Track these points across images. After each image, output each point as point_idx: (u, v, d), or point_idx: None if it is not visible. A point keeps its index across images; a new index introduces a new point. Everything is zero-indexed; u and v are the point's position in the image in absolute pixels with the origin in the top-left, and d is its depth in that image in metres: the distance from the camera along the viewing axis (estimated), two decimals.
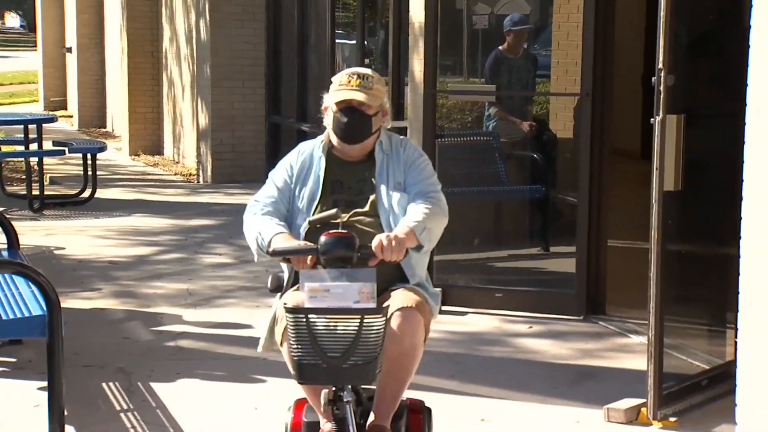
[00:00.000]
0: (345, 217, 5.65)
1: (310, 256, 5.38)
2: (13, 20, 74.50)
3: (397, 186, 5.73)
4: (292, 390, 6.13)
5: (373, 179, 5.77)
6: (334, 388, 5.35)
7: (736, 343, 7.68)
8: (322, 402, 5.31)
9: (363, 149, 5.75)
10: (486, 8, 12.64)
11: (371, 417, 5.64)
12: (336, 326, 4.96)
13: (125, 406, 8.33)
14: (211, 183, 19.64)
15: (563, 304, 10.72)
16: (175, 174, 21.36)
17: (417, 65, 11.49)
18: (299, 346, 5.02)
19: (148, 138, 23.68)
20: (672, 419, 8.15)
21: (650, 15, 7.98)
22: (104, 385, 8.73)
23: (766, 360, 7.40)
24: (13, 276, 8.79)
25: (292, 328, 5.00)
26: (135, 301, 11.51)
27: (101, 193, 18.09)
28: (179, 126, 22.22)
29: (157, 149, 23.56)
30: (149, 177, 21.02)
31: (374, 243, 5.28)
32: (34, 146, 17.75)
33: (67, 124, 27.86)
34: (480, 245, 11.90)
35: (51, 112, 27.18)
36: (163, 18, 23.08)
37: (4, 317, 8.12)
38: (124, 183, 19.88)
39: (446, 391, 5.95)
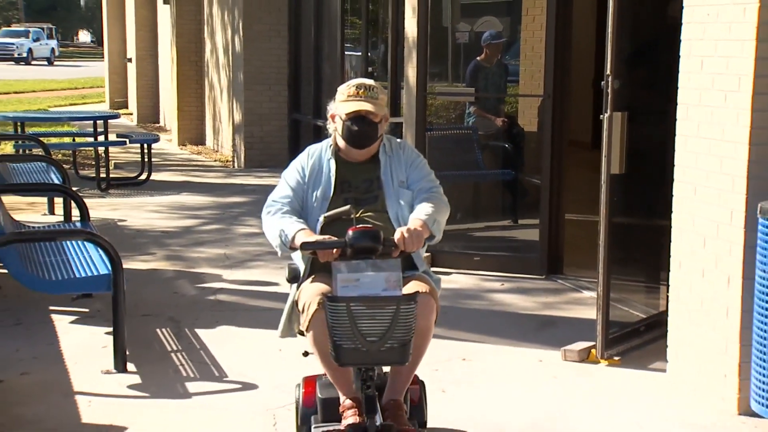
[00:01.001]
0: (357, 213, 5.33)
1: (335, 249, 5.02)
2: (84, 36, 74.82)
3: (401, 184, 5.46)
4: (304, 343, 5.64)
5: (378, 178, 5.47)
6: (364, 369, 5.08)
7: (667, 297, 8.01)
8: (354, 381, 5.10)
9: (368, 152, 5.46)
10: (467, 26, 12.66)
11: (386, 393, 5.40)
12: (374, 313, 4.66)
13: (174, 348, 8.39)
14: (244, 168, 19.59)
15: (529, 265, 10.78)
16: (215, 160, 21.35)
17: (411, 72, 11.50)
18: (340, 333, 4.71)
19: (192, 131, 23.66)
20: (616, 358, 8.19)
21: (599, 30, 8.00)
22: (158, 330, 8.80)
23: (691, 310, 7.67)
24: (85, 242, 8.84)
25: (333, 316, 4.68)
26: (182, 263, 11.55)
27: (155, 176, 18.06)
28: (218, 122, 22.22)
29: (200, 140, 23.55)
30: (193, 163, 21.03)
31: (396, 236, 5.04)
32: (101, 138, 17.75)
33: (128, 120, 27.82)
34: (462, 218, 11.94)
35: (115, 111, 27.16)
36: (204, 34, 23.06)
37: (77, 275, 8.31)
38: (173, 168, 19.89)
39: (434, 336, 5.84)
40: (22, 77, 45.55)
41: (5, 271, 8.55)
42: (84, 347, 8.25)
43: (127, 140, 18.84)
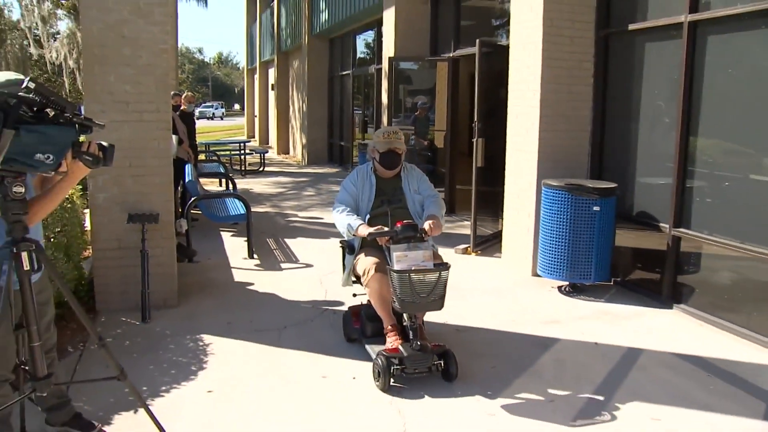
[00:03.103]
0: (390, 210, 4.82)
1: (388, 237, 4.49)
2: (236, 106, 75.86)
3: (414, 192, 4.98)
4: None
5: (401, 188, 5.00)
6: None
7: (502, 222, 7.74)
8: (407, 319, 4.46)
9: (394, 172, 4.99)
10: (413, 96, 12.70)
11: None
12: (424, 278, 4.22)
13: (275, 247, 8.54)
14: (307, 164, 19.56)
15: None
16: (294, 160, 21.30)
17: (384, 119, 11.70)
18: (402, 292, 4.22)
19: (283, 146, 23.56)
20: (479, 252, 8.14)
21: (472, 96, 7.98)
22: (267, 239, 8.95)
23: (512, 228, 7.50)
24: (234, 199, 9.10)
25: (399, 281, 4.21)
26: (277, 208, 11.63)
27: (267, 168, 18.17)
28: (295, 141, 22.21)
29: (286, 151, 23.49)
30: (284, 162, 20.87)
31: (426, 226, 4.53)
32: (243, 150, 18.54)
33: (255, 142, 27.67)
34: None
35: (249, 138, 27.38)
36: (290, 102, 23.03)
37: (231, 214, 8.61)
38: (275, 164, 19.82)
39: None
40: (210, 125, 45.61)
41: (200, 211, 8.88)
42: (234, 247, 8.48)
43: (254, 151, 19.84)
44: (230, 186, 11.37)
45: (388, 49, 11.75)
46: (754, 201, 5.49)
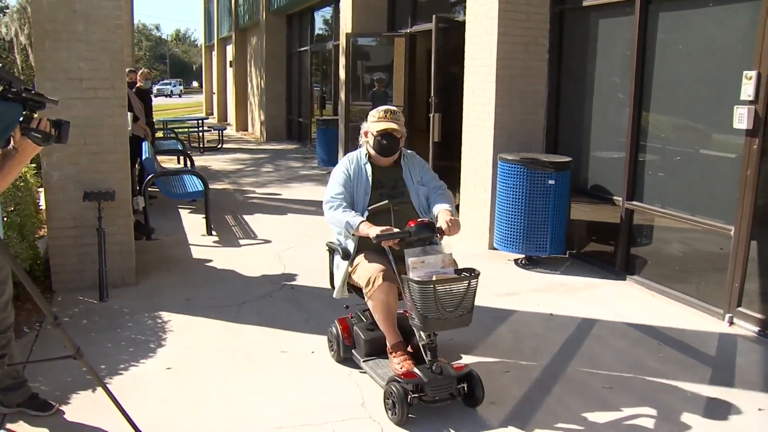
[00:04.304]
0: (393, 205, 4.03)
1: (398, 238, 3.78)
2: (194, 83, 74.60)
3: (418, 183, 4.19)
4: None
5: (402, 179, 4.18)
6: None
7: (460, 196, 7.69)
8: (423, 339, 3.65)
9: (391, 159, 4.19)
10: (371, 73, 12.62)
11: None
12: (452, 289, 3.48)
13: (233, 224, 8.53)
14: (265, 141, 19.44)
15: None
16: (252, 137, 21.16)
17: (342, 95, 11.69)
18: (426, 307, 3.46)
19: (241, 123, 23.38)
20: None
21: (429, 72, 7.98)
22: (225, 216, 8.92)
23: (470, 203, 7.50)
24: (192, 175, 9.01)
25: (422, 295, 3.44)
26: (236, 185, 11.69)
27: (225, 146, 18.03)
28: (254, 118, 22.03)
29: (245, 127, 23.30)
30: (243, 139, 20.72)
31: (442, 226, 3.84)
32: (201, 128, 18.36)
33: (213, 120, 27.35)
34: None
35: (207, 115, 27.01)
36: (248, 79, 22.78)
37: (189, 191, 8.53)
38: (233, 141, 19.68)
39: None
40: (168, 102, 44.88)
41: (158, 189, 8.73)
42: (193, 224, 8.44)
43: (212, 129, 19.67)
44: (188, 163, 11.32)
45: (346, 25, 11.67)
46: (705, 174, 5.56)
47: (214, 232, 7.90)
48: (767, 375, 4.34)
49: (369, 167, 4.19)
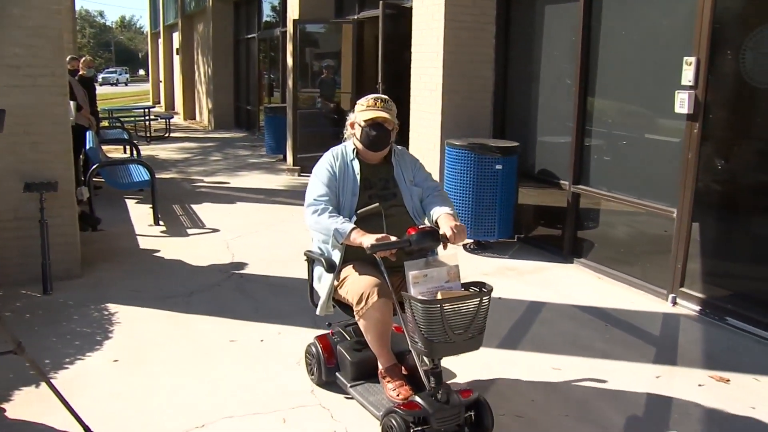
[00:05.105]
0: (385, 209, 3.48)
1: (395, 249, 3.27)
2: (141, 72, 72.90)
3: (410, 182, 3.67)
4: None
5: (393, 178, 3.66)
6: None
7: None
8: (426, 364, 3.16)
9: (381, 155, 3.66)
10: (320, 60, 12.54)
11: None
12: (461, 308, 2.98)
13: (181, 213, 8.41)
14: (213, 129, 19.20)
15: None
16: (200, 125, 20.85)
17: (290, 82, 11.56)
18: (431, 330, 2.96)
19: (189, 111, 23.01)
20: None
21: (377, 55, 7.96)
22: (173, 206, 8.76)
23: None
24: (138, 165, 8.89)
25: (424, 315, 2.95)
26: (184, 174, 11.43)
27: (172, 135, 17.61)
28: (202, 107, 21.72)
29: (193, 116, 22.93)
30: (190, 127, 20.37)
31: (447, 233, 3.28)
32: (148, 117, 17.98)
33: (160, 108, 26.85)
34: (315, 149, 11.75)
35: (154, 104, 26.56)
36: (195, 66, 22.41)
37: (135, 180, 8.42)
38: (181, 130, 19.33)
39: None
40: (114, 91, 44.15)
41: (103, 179, 8.60)
42: (140, 214, 8.31)
43: (159, 117, 19.02)
44: (134, 153, 11.16)
45: (293, 12, 11.55)
46: (649, 158, 5.66)
47: (161, 222, 7.80)
48: (708, 352, 4.46)
49: (357, 164, 3.67)
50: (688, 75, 5.04)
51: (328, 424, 3.49)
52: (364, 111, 3.65)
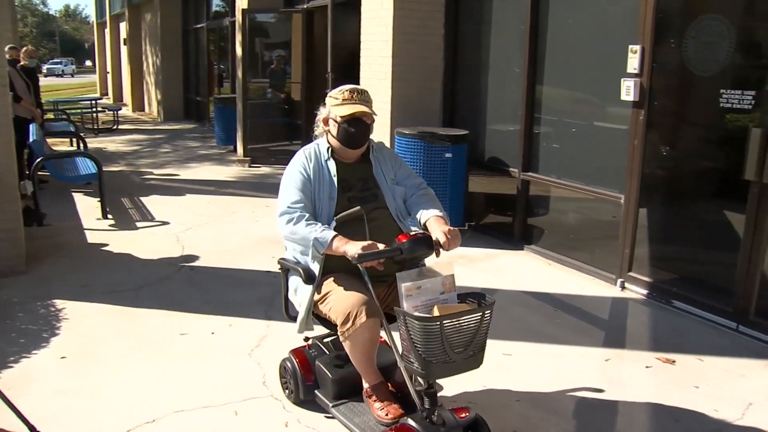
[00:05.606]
0: (366, 212, 3.10)
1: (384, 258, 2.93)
2: (88, 62, 71.20)
3: (391, 181, 3.32)
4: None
5: (373, 177, 3.31)
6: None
7: None
8: (420, 384, 2.86)
9: (359, 152, 3.31)
10: (270, 50, 12.44)
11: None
12: (461, 325, 2.67)
13: (130, 206, 8.28)
14: (163, 121, 18.90)
15: None
16: (149, 117, 20.52)
17: (240, 73, 11.45)
18: (429, 349, 2.64)
19: (138, 103, 22.64)
20: None
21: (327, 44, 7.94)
22: (121, 199, 8.64)
23: None
24: (85, 158, 8.67)
25: (421, 333, 2.63)
26: (133, 167, 11.26)
27: (120, 127, 17.36)
28: (151, 98, 21.37)
29: (142, 107, 22.57)
30: (139, 119, 20.06)
31: (440, 239, 2.97)
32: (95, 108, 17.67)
33: (108, 100, 26.36)
34: (266, 139, 11.72)
35: (101, 95, 26.07)
36: (143, 57, 21.99)
37: (82, 173, 8.25)
38: (129, 122, 19.04)
39: None
40: (60, 82, 43.21)
41: (48, 173, 8.38)
42: (87, 208, 8.16)
43: (107, 109, 18.74)
44: (81, 145, 10.97)
45: (242, 1, 11.44)
46: (596, 145, 5.73)
47: (109, 216, 7.69)
48: (654, 335, 4.56)
49: (333, 164, 3.32)
50: (633, 63, 5.11)
51: (280, 416, 3.48)
52: (339, 105, 3.30)
